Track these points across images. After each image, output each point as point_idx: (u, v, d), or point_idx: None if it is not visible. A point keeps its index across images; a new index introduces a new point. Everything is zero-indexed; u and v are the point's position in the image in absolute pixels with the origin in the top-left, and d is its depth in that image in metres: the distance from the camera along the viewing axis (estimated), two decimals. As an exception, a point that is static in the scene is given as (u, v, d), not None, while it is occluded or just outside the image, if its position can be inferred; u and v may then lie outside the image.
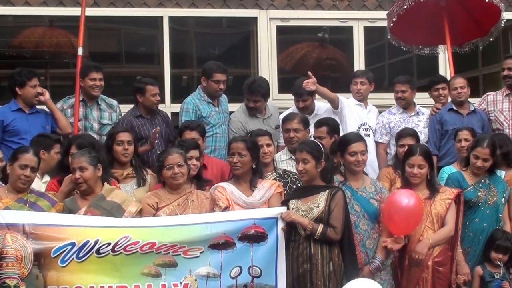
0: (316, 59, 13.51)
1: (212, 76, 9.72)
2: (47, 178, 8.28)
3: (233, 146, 7.75)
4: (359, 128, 9.88)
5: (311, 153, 7.34)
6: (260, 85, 9.95)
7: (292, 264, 7.21)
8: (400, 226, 7.56)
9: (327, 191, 7.35)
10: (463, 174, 8.51)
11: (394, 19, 10.57)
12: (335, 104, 9.99)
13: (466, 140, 8.74)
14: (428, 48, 11.47)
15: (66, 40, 11.85)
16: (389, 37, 11.16)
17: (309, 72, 9.74)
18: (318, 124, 9.30)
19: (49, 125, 9.27)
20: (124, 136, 8.20)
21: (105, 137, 9.27)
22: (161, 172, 7.54)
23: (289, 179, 8.18)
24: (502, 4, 10.48)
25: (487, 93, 10.57)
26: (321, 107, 10.16)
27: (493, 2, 10.25)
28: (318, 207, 7.28)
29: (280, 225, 7.19)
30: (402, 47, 11.37)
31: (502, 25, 10.75)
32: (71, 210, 7.29)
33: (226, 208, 7.42)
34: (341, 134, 9.14)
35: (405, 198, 7.54)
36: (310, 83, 9.64)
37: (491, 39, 11.19)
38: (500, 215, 8.30)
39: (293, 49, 13.33)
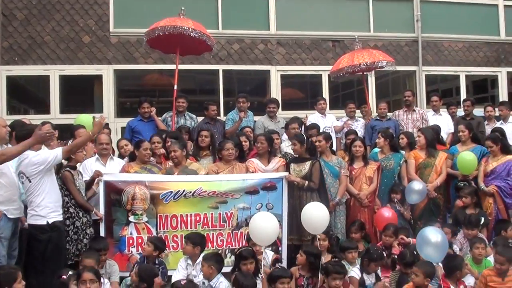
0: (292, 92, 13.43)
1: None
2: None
3: (258, 138, 7.76)
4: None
5: (297, 140, 7.47)
6: (275, 99, 10.36)
7: (290, 201, 7.16)
8: None
9: (310, 161, 7.38)
10: (377, 153, 8.39)
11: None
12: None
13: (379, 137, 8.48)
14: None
15: (167, 81, 11.73)
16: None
17: None
18: (311, 127, 9.10)
19: (155, 128, 9.12)
20: (204, 133, 8.09)
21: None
22: (221, 152, 7.49)
23: (287, 157, 8.02)
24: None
25: (395, 111, 10.43)
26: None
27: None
28: (305, 169, 7.32)
29: (285, 181, 7.14)
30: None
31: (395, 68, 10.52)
32: (170, 174, 7.24)
33: (253, 173, 7.40)
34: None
35: None
36: None
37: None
38: (395, 175, 8.13)
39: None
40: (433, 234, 5.73)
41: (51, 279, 5.55)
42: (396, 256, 6.68)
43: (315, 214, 6.30)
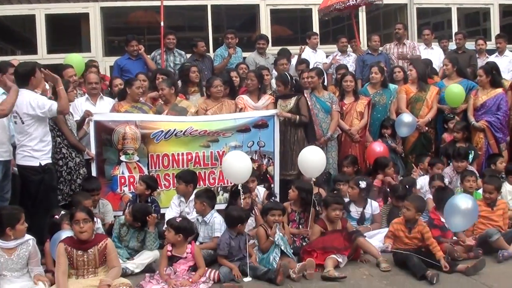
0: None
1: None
2: None
3: (248, 75, 7.77)
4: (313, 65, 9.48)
5: (281, 82, 7.42)
6: (265, 35, 10.22)
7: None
8: None
9: (296, 97, 7.39)
10: (367, 88, 8.31)
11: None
12: None
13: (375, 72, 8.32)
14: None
15: (154, 18, 11.44)
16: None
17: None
18: (301, 62, 9.14)
19: (143, 66, 9.00)
20: (194, 68, 8.02)
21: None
22: (209, 89, 7.45)
23: (277, 93, 7.87)
24: None
25: (386, 44, 10.28)
26: None
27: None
28: (290, 104, 7.38)
29: (276, 118, 7.14)
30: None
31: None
32: (159, 112, 7.24)
33: (241, 110, 7.40)
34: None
35: None
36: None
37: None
38: (388, 111, 8.14)
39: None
40: (463, 201, 5.45)
41: (44, 219, 5.57)
42: (388, 190, 6.79)
43: (311, 159, 6.22)
